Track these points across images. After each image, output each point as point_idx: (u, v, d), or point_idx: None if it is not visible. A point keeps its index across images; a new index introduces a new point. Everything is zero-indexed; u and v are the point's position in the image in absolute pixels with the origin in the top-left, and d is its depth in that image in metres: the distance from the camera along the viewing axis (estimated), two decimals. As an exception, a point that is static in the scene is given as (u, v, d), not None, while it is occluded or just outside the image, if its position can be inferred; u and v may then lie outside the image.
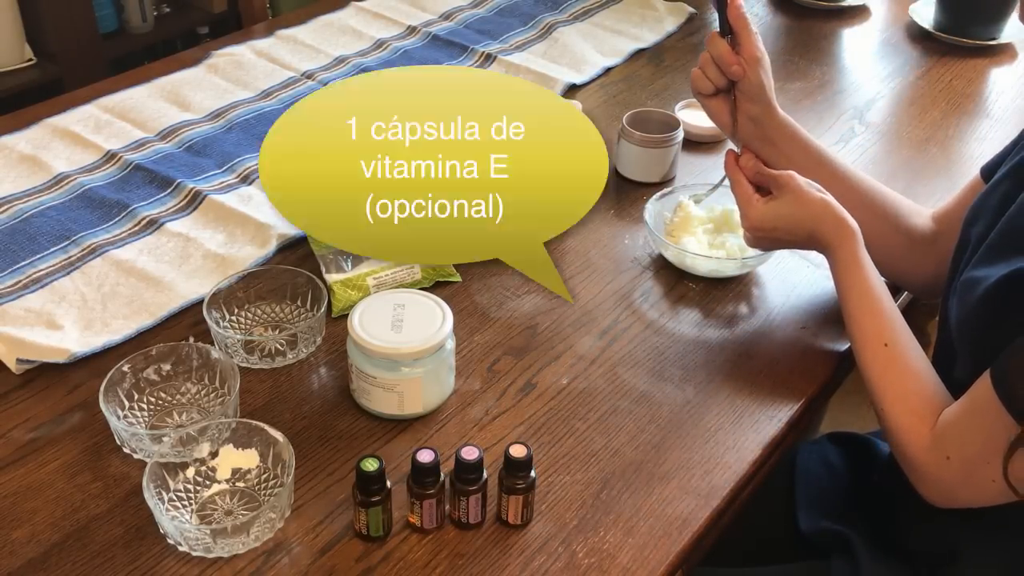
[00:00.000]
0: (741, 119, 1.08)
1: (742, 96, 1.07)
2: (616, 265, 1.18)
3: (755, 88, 1.06)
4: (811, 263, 1.18)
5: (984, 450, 0.81)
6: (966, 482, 0.85)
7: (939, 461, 0.85)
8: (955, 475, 0.85)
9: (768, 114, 1.08)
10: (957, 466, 0.84)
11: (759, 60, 1.05)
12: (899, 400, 0.90)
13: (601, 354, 1.04)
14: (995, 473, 0.80)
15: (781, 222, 1.01)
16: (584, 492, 0.89)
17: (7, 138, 1.34)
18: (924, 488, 0.89)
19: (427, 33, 1.66)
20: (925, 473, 0.88)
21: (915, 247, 1.08)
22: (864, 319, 0.94)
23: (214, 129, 1.38)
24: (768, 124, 1.08)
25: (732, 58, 1.05)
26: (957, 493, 0.87)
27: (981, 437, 0.81)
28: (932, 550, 0.95)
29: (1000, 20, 1.69)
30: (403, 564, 0.83)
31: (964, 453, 0.84)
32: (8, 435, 0.93)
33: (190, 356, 0.97)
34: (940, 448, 0.85)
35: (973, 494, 0.85)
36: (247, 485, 0.89)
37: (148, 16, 2.61)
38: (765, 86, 1.06)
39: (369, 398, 0.94)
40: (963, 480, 0.85)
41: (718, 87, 1.08)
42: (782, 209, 1.00)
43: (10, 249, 1.14)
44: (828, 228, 0.98)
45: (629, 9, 1.79)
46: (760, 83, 1.06)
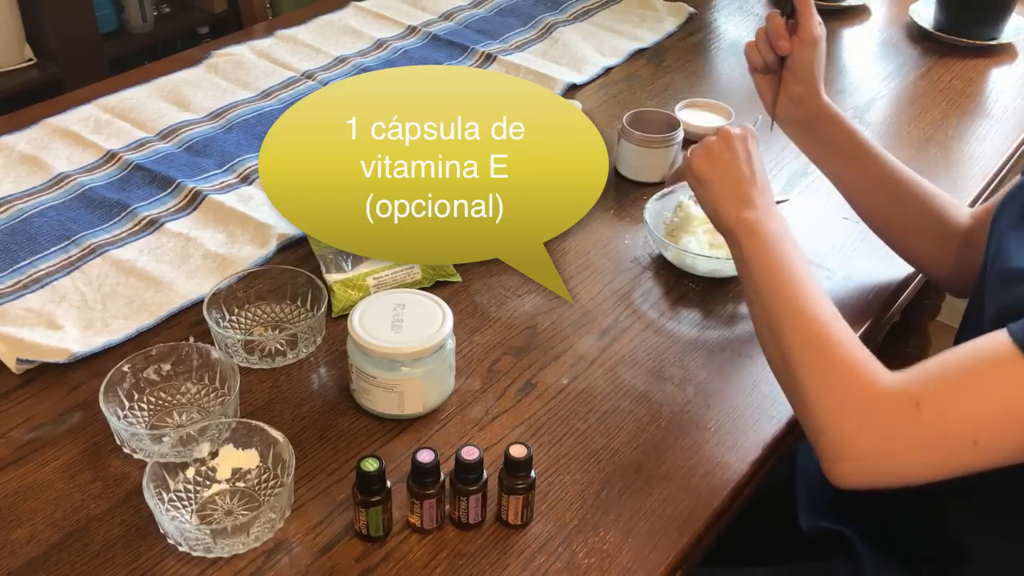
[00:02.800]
0: (782, 98, 1.09)
1: (788, 74, 1.08)
2: (616, 265, 1.18)
3: (803, 68, 1.07)
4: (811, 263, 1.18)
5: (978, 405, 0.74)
6: (932, 438, 0.75)
7: (902, 408, 0.76)
8: (920, 427, 0.75)
9: (811, 96, 1.08)
10: (929, 417, 0.75)
11: (815, 42, 1.06)
12: (849, 341, 0.82)
13: (601, 354, 1.05)
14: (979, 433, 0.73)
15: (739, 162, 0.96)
16: (584, 492, 0.89)
17: (7, 138, 1.34)
18: (855, 444, 0.77)
19: (427, 33, 1.66)
20: (871, 423, 0.77)
21: (947, 240, 1.07)
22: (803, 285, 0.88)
23: (214, 129, 1.38)
24: (809, 106, 1.08)
25: (782, 33, 1.06)
26: (900, 455, 0.77)
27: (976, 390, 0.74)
28: (939, 549, 0.94)
29: (1000, 20, 1.69)
30: (403, 564, 0.83)
31: (945, 404, 0.75)
32: (8, 435, 0.93)
33: (190, 356, 0.97)
34: (907, 394, 0.76)
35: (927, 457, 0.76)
36: (247, 485, 0.89)
37: (148, 16, 2.61)
38: (813, 68, 1.07)
39: (369, 398, 0.94)
40: (929, 434, 0.75)
41: (767, 62, 1.09)
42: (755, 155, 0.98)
43: (10, 249, 1.14)
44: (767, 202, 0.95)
45: (629, 9, 1.79)
46: (808, 64, 1.06)
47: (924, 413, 0.75)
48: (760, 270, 0.90)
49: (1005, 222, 0.90)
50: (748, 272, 0.91)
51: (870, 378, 0.79)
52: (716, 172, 0.97)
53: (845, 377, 0.80)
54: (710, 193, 0.97)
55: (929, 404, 0.75)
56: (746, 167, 0.97)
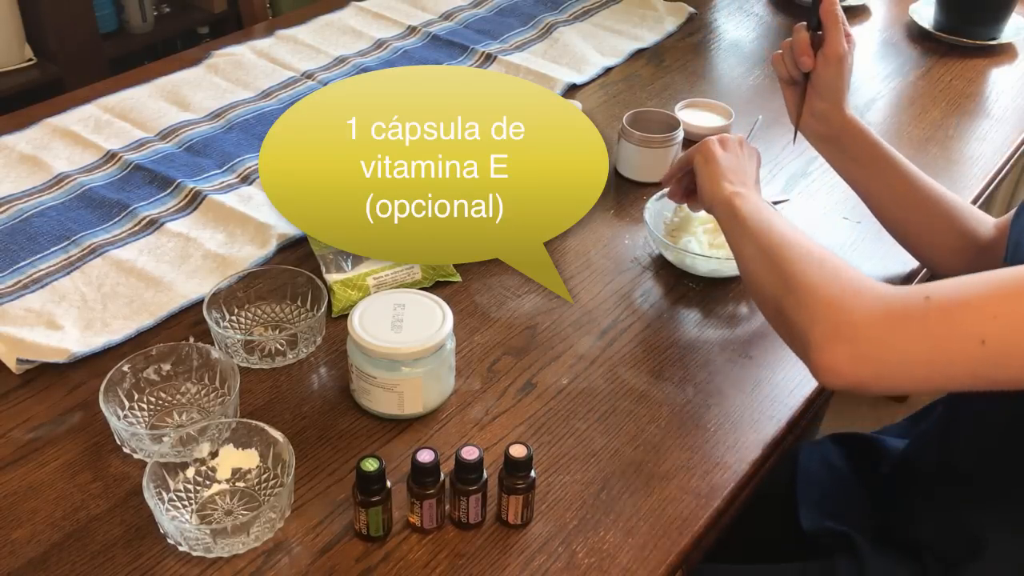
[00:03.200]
0: (806, 113, 1.10)
1: (812, 90, 1.09)
2: (616, 265, 1.18)
3: (826, 85, 1.07)
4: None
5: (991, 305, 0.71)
6: (939, 329, 0.72)
7: (911, 298, 0.73)
8: (927, 316, 0.72)
9: (834, 112, 1.08)
10: (938, 307, 0.72)
11: (840, 60, 1.06)
12: (851, 266, 0.81)
13: (601, 354, 1.05)
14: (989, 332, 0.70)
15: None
16: (584, 492, 0.89)
17: (7, 138, 1.34)
18: (854, 325, 0.74)
19: (427, 33, 1.66)
20: (876, 305, 0.74)
21: (969, 248, 1.07)
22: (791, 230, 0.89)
23: (214, 129, 1.38)
24: (833, 122, 1.09)
25: (806, 49, 1.07)
26: (902, 342, 0.73)
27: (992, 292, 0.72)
28: (951, 543, 0.93)
29: (1000, 20, 1.69)
30: (403, 564, 0.83)
31: (958, 298, 0.72)
32: (8, 435, 0.93)
33: (190, 356, 0.97)
34: (916, 289, 0.74)
35: (930, 349, 0.72)
36: (247, 485, 0.89)
37: (148, 16, 2.61)
38: (836, 86, 1.07)
39: (369, 398, 0.94)
40: (936, 324, 0.72)
41: (792, 76, 1.10)
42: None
43: (10, 249, 1.14)
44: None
45: (629, 9, 1.79)
46: (831, 81, 1.07)
47: (933, 303, 0.72)
48: (756, 221, 0.92)
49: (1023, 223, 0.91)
50: (744, 226, 0.92)
51: (873, 282, 0.77)
52: (726, 156, 1.02)
53: (851, 275, 0.78)
54: (714, 170, 1.01)
55: (940, 297, 0.72)
56: (751, 168, 1.04)
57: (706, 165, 1.03)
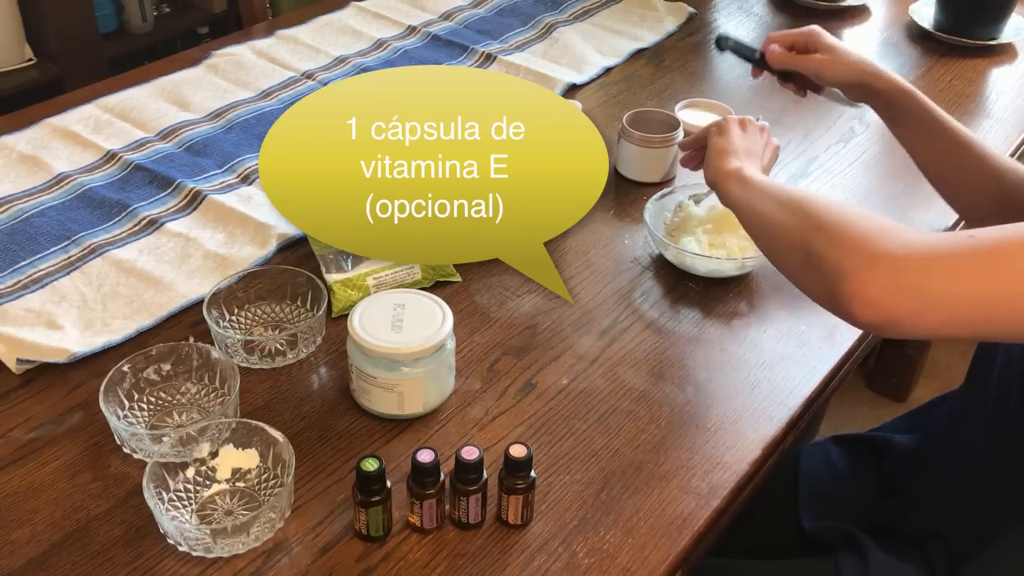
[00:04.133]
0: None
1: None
2: (616, 265, 1.18)
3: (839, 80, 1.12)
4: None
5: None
6: (980, 254, 0.68)
7: (953, 236, 0.70)
8: (970, 248, 0.68)
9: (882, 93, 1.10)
10: (981, 241, 0.68)
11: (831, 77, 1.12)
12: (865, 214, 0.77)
13: (601, 354, 1.05)
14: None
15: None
16: (584, 492, 0.89)
17: (7, 138, 1.34)
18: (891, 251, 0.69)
19: (427, 33, 1.66)
20: (913, 237, 0.70)
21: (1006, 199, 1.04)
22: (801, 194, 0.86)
23: (214, 129, 1.38)
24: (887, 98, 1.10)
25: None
26: (940, 270, 0.68)
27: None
28: (958, 535, 0.93)
29: (1000, 20, 1.69)
30: (403, 564, 0.83)
31: (1001, 233, 0.69)
32: (8, 435, 0.93)
33: (190, 356, 0.97)
34: (960, 232, 0.71)
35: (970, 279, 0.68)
36: (247, 485, 0.89)
37: (148, 16, 2.61)
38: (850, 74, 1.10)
39: (369, 398, 0.94)
40: (978, 249, 0.68)
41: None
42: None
43: (10, 249, 1.14)
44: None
45: (629, 9, 1.79)
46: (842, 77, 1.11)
47: (978, 242, 0.68)
48: (770, 184, 0.92)
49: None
50: (758, 189, 0.92)
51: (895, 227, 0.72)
52: (741, 136, 1.03)
53: (884, 218, 0.74)
54: (724, 146, 1.02)
55: (985, 236, 0.68)
56: (765, 154, 1.05)
57: (719, 137, 1.04)
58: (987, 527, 0.91)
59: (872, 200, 1.31)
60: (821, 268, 0.74)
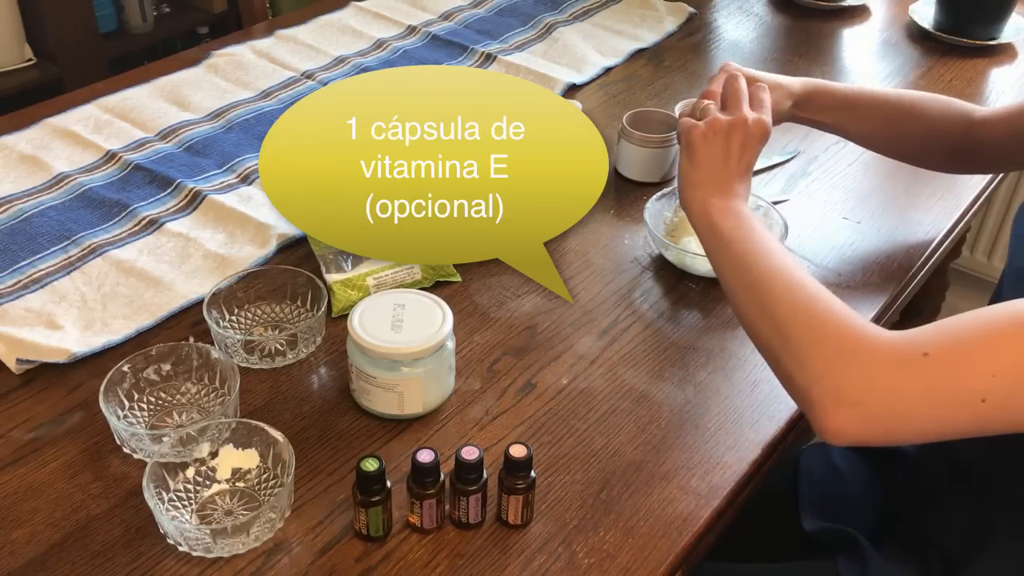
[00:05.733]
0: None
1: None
2: (616, 265, 1.18)
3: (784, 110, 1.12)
4: (811, 263, 1.18)
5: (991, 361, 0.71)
6: (939, 388, 0.72)
7: (910, 356, 0.73)
8: (928, 375, 0.72)
9: (803, 104, 1.12)
10: (938, 366, 0.72)
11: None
12: (842, 306, 0.80)
13: (601, 354, 1.05)
14: (989, 390, 0.71)
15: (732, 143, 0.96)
16: (584, 492, 0.89)
17: (7, 138, 1.34)
18: (855, 389, 0.74)
19: (427, 33, 1.66)
20: (875, 368, 0.74)
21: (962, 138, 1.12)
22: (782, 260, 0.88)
23: (214, 129, 1.38)
24: (809, 107, 1.12)
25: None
26: (904, 402, 0.73)
27: (991, 347, 0.72)
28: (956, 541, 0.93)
29: (1000, 20, 1.69)
30: (403, 564, 0.83)
31: (957, 355, 0.72)
32: (8, 435, 0.93)
33: (190, 356, 0.97)
34: (915, 344, 0.74)
35: (931, 408, 0.73)
36: (247, 485, 0.89)
37: (148, 16, 2.61)
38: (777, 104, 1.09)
39: (369, 398, 0.94)
40: (936, 383, 0.72)
41: None
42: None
43: (10, 249, 1.14)
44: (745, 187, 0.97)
45: (629, 9, 1.79)
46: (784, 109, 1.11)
47: (932, 362, 0.72)
48: (739, 248, 0.90)
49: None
50: (724, 250, 0.91)
51: (871, 332, 0.76)
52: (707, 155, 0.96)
53: (846, 327, 0.77)
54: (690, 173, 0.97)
55: (939, 354, 0.72)
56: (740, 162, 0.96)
57: (686, 161, 0.97)
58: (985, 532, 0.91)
59: (872, 200, 1.31)
60: (790, 385, 0.80)
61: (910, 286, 1.19)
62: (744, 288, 0.87)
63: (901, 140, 1.17)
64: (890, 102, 1.14)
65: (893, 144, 1.19)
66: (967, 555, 0.91)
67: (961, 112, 1.12)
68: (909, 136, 1.15)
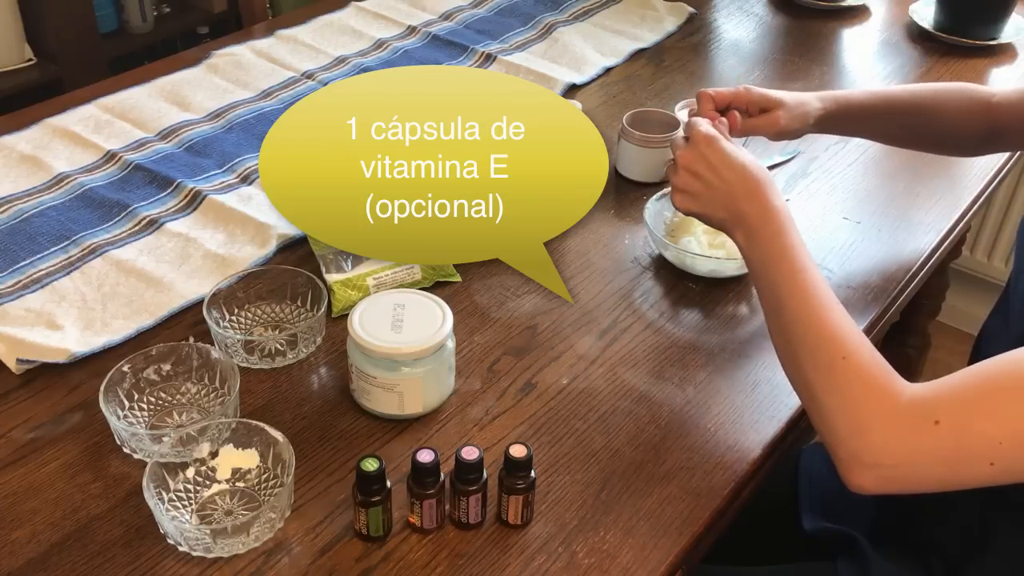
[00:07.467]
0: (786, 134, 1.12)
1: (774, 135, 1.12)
2: (616, 265, 1.18)
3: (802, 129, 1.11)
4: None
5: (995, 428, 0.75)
6: (950, 455, 0.77)
7: (923, 424, 0.77)
8: (939, 445, 0.77)
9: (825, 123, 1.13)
10: (948, 436, 0.77)
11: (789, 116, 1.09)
12: (863, 350, 0.83)
13: (601, 354, 1.05)
14: (996, 455, 0.75)
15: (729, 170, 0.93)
16: (584, 492, 0.89)
17: (7, 138, 1.34)
18: (875, 454, 0.79)
19: (427, 33, 1.66)
20: (892, 436, 0.79)
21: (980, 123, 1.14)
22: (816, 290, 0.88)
23: (214, 129, 1.38)
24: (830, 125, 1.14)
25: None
26: (919, 467, 0.79)
27: (995, 413, 0.76)
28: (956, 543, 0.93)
29: (1000, 20, 1.69)
30: (403, 564, 0.83)
31: (964, 424, 0.76)
32: (8, 435, 0.93)
33: (190, 356, 0.97)
34: (927, 409, 0.78)
35: (943, 472, 0.78)
36: (247, 485, 0.89)
37: (148, 16, 2.61)
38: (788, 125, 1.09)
39: (369, 398, 0.94)
40: (947, 451, 0.77)
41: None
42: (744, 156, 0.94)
43: (10, 249, 1.14)
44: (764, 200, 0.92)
45: (629, 9, 1.79)
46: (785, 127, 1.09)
47: (943, 431, 0.77)
48: (769, 282, 0.90)
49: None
50: (759, 282, 0.92)
51: (889, 390, 0.80)
52: (700, 204, 0.95)
53: (864, 391, 0.81)
54: (703, 219, 0.98)
55: (948, 423, 0.77)
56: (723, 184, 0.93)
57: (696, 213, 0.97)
58: (985, 532, 0.91)
59: (872, 200, 1.31)
60: (821, 434, 0.84)
61: (910, 286, 1.19)
62: (777, 333, 0.90)
63: (926, 138, 1.19)
64: (909, 104, 1.15)
65: (919, 142, 1.22)
66: (967, 555, 0.91)
67: (979, 100, 1.13)
68: (933, 132, 1.17)
